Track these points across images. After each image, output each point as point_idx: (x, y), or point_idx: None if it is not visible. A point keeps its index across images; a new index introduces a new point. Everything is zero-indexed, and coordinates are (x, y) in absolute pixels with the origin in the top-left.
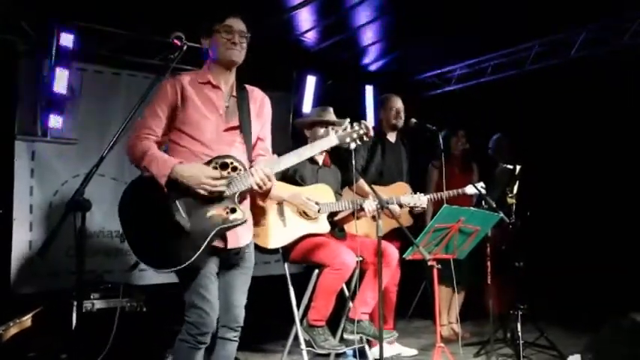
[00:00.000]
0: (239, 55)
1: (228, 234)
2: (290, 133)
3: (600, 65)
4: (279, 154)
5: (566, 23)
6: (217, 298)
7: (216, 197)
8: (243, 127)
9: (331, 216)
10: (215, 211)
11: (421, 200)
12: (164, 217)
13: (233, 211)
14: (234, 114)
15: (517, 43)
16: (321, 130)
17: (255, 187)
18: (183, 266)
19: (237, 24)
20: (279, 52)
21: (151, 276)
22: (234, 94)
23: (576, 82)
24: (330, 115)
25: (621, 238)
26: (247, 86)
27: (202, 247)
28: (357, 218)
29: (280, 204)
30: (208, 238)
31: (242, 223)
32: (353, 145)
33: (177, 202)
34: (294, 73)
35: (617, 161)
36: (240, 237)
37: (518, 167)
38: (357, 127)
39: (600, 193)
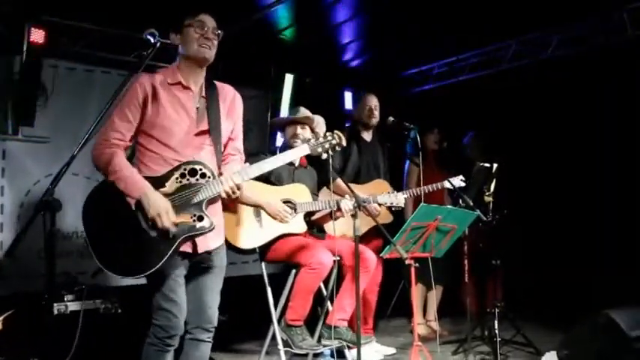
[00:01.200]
0: (211, 52)
1: (198, 239)
2: (268, 132)
3: (576, 65)
4: (257, 154)
5: (543, 23)
6: (185, 300)
7: (181, 205)
8: (213, 130)
9: (308, 216)
10: (182, 219)
11: (398, 199)
12: (129, 224)
13: (200, 219)
14: (204, 116)
15: (494, 42)
16: (298, 129)
17: (224, 196)
18: (146, 274)
19: (210, 20)
20: (257, 50)
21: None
22: (204, 94)
23: (552, 81)
24: (303, 113)
25: (595, 235)
26: (217, 83)
27: (167, 255)
28: (335, 219)
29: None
30: (174, 247)
31: (209, 231)
32: (325, 156)
33: (143, 210)
34: (271, 71)
35: (591, 159)
36: (210, 240)
37: (495, 165)
38: (329, 137)
39: (574, 192)
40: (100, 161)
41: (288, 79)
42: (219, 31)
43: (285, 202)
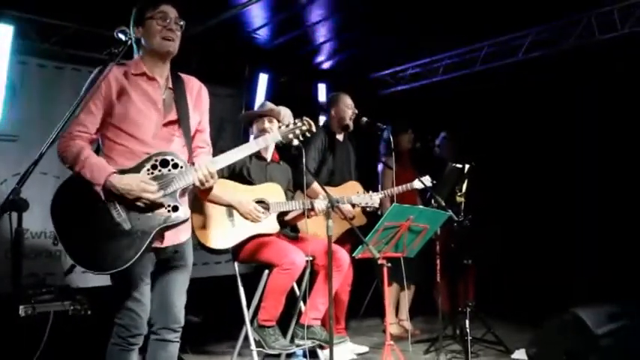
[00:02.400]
0: (175, 44)
1: (167, 232)
2: (242, 130)
3: (548, 67)
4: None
5: (515, 26)
6: (149, 299)
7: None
8: (182, 121)
9: (281, 215)
10: (156, 210)
11: (373, 199)
12: (102, 218)
13: (175, 209)
14: (172, 107)
15: (467, 44)
16: (265, 122)
17: (198, 184)
18: (124, 267)
19: (171, 10)
20: (231, 49)
21: (96, 278)
22: (170, 85)
23: (525, 83)
24: (269, 107)
25: (563, 235)
26: (183, 75)
27: (144, 248)
28: (308, 217)
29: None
30: (150, 238)
31: (185, 221)
32: (296, 142)
33: (115, 202)
34: (246, 70)
35: (564, 160)
36: (179, 233)
37: (467, 166)
38: (299, 124)
39: (546, 192)
40: (64, 154)
41: (263, 78)
42: (182, 22)
43: (259, 201)
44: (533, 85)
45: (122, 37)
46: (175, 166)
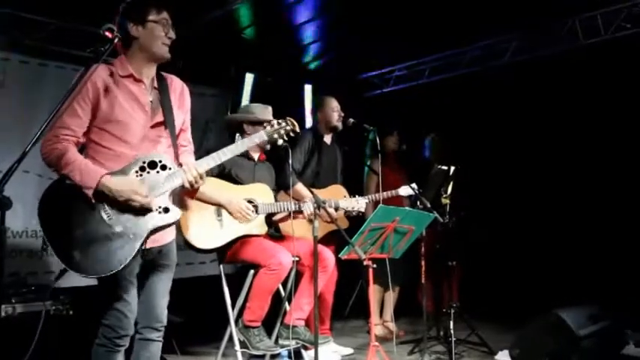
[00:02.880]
0: (168, 52)
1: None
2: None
3: (533, 69)
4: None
5: (501, 29)
6: (136, 300)
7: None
8: (168, 122)
9: (269, 216)
10: (147, 212)
11: (359, 204)
12: (93, 222)
13: (166, 210)
14: (158, 108)
15: (453, 47)
16: (249, 128)
17: (187, 185)
18: (119, 269)
19: (169, 19)
20: (218, 48)
21: (79, 278)
22: (156, 85)
23: (509, 86)
24: (259, 111)
25: (547, 237)
26: (165, 75)
27: (137, 250)
28: (294, 218)
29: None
30: (142, 240)
31: (175, 222)
32: (281, 142)
33: (105, 204)
34: (232, 70)
35: (548, 162)
36: (165, 234)
37: (452, 168)
38: (283, 124)
39: (529, 194)
40: (50, 157)
41: (249, 77)
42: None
43: (248, 202)
44: (518, 88)
45: (108, 34)
46: (164, 167)
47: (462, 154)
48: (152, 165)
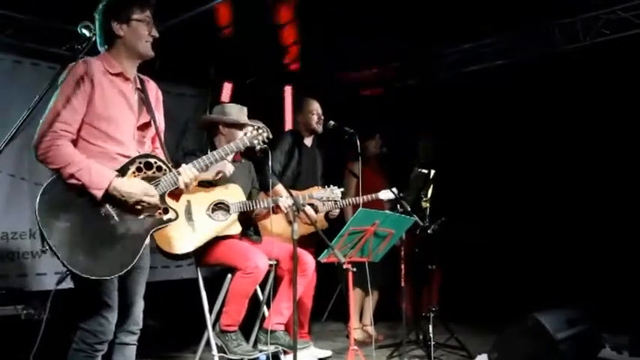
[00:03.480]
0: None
1: None
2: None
3: (513, 73)
4: (193, 152)
5: (481, 33)
6: (117, 304)
7: None
8: (153, 122)
9: (243, 215)
10: (148, 212)
11: (334, 193)
12: (97, 222)
13: (166, 211)
14: (143, 108)
15: (432, 50)
16: (225, 129)
17: (182, 187)
18: (125, 271)
19: (151, 16)
20: (197, 49)
21: (51, 281)
22: (138, 85)
23: (489, 90)
24: (236, 114)
25: (525, 241)
26: (141, 76)
27: (141, 251)
28: (274, 213)
29: (187, 205)
30: (146, 241)
31: (174, 221)
32: (258, 147)
33: (107, 205)
34: (211, 71)
35: (525, 167)
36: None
37: (432, 172)
38: (261, 130)
39: (507, 198)
40: (48, 153)
41: (227, 87)
42: None
43: (218, 203)
44: (497, 92)
45: (86, 32)
46: (159, 168)
47: (444, 159)
48: (148, 166)
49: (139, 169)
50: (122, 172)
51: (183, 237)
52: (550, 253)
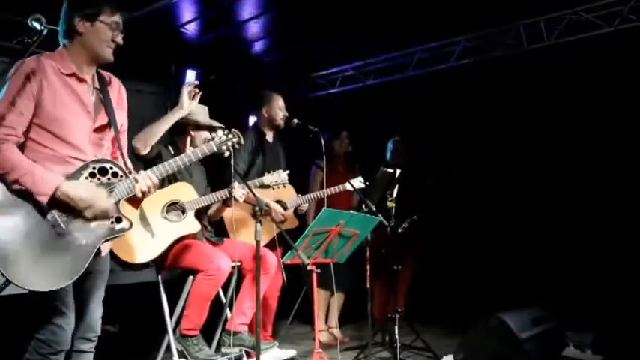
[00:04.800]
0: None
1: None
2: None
3: (480, 72)
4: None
5: (448, 32)
6: (74, 311)
7: None
8: (112, 124)
9: (200, 214)
10: (99, 221)
11: (281, 177)
12: (43, 230)
13: (118, 220)
14: (100, 109)
15: (401, 49)
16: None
17: (139, 195)
18: (70, 282)
19: (120, 22)
20: (157, 44)
21: (10, 287)
22: (97, 85)
23: (456, 88)
24: (203, 115)
25: (489, 241)
26: (103, 73)
27: (89, 260)
28: (229, 206)
29: (141, 210)
30: (95, 250)
31: (127, 231)
32: (227, 154)
33: (54, 212)
34: (172, 67)
35: (496, 165)
36: (108, 243)
37: (398, 171)
38: (230, 136)
39: (471, 197)
40: None
41: (190, 75)
42: None
43: (172, 204)
44: (465, 91)
45: (37, 25)
46: (115, 174)
47: (410, 158)
48: (102, 171)
49: (92, 175)
50: (75, 177)
51: (143, 243)
52: (515, 252)
